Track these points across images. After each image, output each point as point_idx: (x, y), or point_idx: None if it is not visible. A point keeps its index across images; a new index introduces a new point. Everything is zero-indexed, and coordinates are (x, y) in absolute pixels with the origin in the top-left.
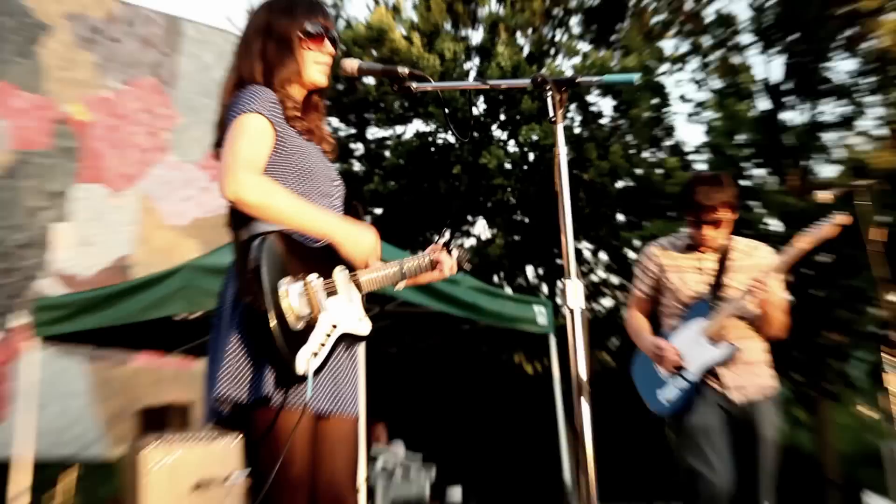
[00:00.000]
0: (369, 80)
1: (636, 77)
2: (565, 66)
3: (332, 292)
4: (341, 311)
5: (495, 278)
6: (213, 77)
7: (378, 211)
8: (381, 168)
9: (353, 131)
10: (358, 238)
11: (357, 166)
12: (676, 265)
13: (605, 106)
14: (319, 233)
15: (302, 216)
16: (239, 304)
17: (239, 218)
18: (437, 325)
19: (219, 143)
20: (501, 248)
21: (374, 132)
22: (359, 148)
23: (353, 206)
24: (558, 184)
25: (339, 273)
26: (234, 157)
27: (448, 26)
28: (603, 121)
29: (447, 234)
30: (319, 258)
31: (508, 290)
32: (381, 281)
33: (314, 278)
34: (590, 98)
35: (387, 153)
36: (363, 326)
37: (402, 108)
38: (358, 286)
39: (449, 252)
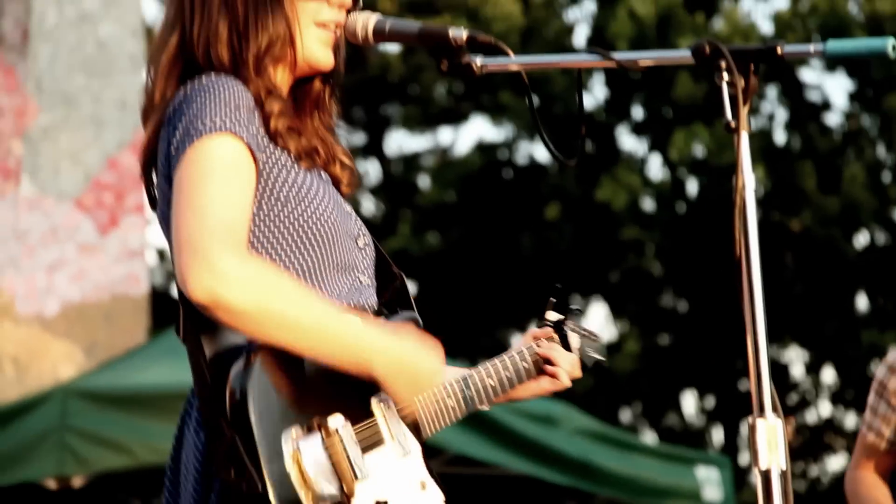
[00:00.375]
0: (391, 48)
1: (891, 44)
2: (759, 12)
3: (372, 443)
4: (391, 476)
5: (626, 414)
6: (104, 37)
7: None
8: (411, 207)
9: (360, 139)
10: (415, 365)
11: (368, 203)
12: None
13: (833, 92)
14: (349, 362)
15: (322, 337)
16: (214, 481)
17: (198, 320)
18: (521, 498)
19: (148, 175)
20: (637, 357)
21: (399, 141)
22: (371, 170)
23: (397, 286)
24: (739, 242)
25: (380, 408)
26: (199, 225)
27: None
28: (830, 120)
29: (559, 303)
30: (341, 385)
31: (650, 438)
32: (452, 412)
33: (339, 423)
34: (805, 77)
35: (423, 180)
36: (431, 499)
37: (451, 100)
38: (416, 428)
39: (564, 339)
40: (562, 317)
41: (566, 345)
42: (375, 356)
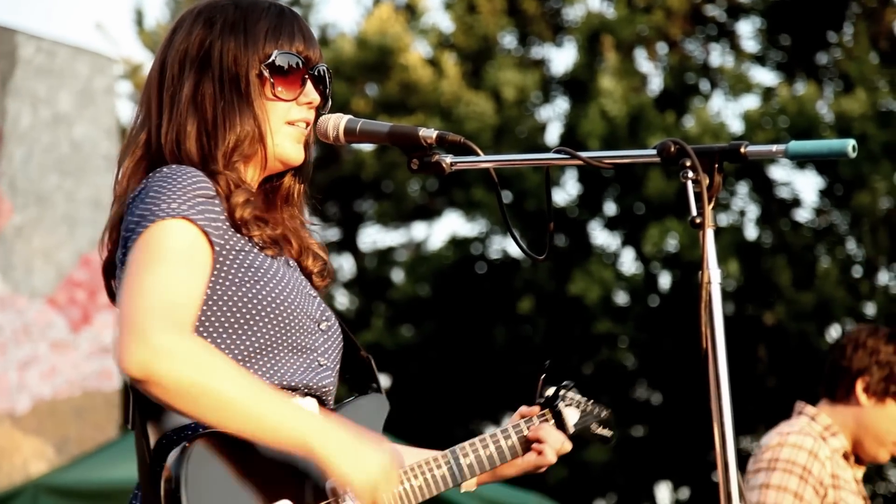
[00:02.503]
0: (364, 147)
1: (850, 146)
2: (729, 112)
3: None
4: None
5: None
6: (78, 138)
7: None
8: (385, 301)
9: (335, 234)
10: (355, 444)
11: (342, 297)
12: (846, 480)
13: (803, 188)
14: (286, 442)
15: (258, 415)
16: None
17: (145, 406)
18: None
19: (110, 272)
20: (610, 448)
21: (373, 236)
22: (345, 264)
23: (364, 368)
24: (706, 335)
25: (334, 493)
26: (141, 305)
27: (509, 40)
28: (801, 216)
29: (550, 380)
30: (292, 471)
31: None
32: (420, 492)
33: None
34: (775, 174)
35: (396, 275)
36: None
37: (425, 196)
38: None
39: (558, 415)
40: (553, 394)
41: (560, 422)
42: (313, 435)
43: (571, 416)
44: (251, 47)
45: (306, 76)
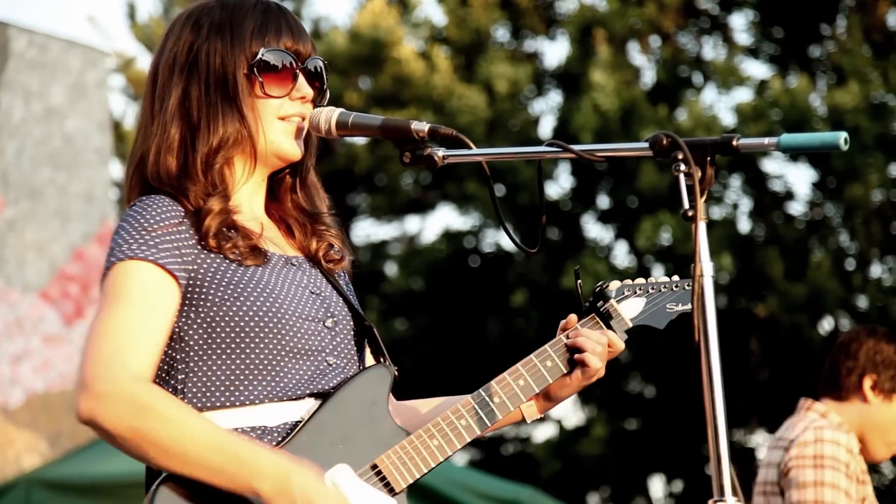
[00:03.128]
0: (357, 140)
1: (843, 138)
2: (722, 105)
3: None
4: None
5: (594, 498)
6: (71, 131)
7: None
8: (378, 295)
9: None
10: (304, 489)
11: None
12: (864, 472)
13: (796, 181)
14: (233, 484)
15: (200, 460)
16: None
17: None
18: None
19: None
20: (604, 441)
21: (366, 230)
22: None
23: (370, 340)
24: (698, 328)
25: (337, 478)
26: (90, 352)
27: (501, 33)
28: (794, 209)
29: (585, 286)
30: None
31: None
32: (444, 450)
33: None
34: (768, 167)
35: (389, 269)
36: None
37: (418, 190)
38: (389, 486)
39: (602, 314)
40: (596, 293)
41: (610, 323)
42: (260, 480)
43: (631, 307)
44: (237, 47)
45: (297, 71)
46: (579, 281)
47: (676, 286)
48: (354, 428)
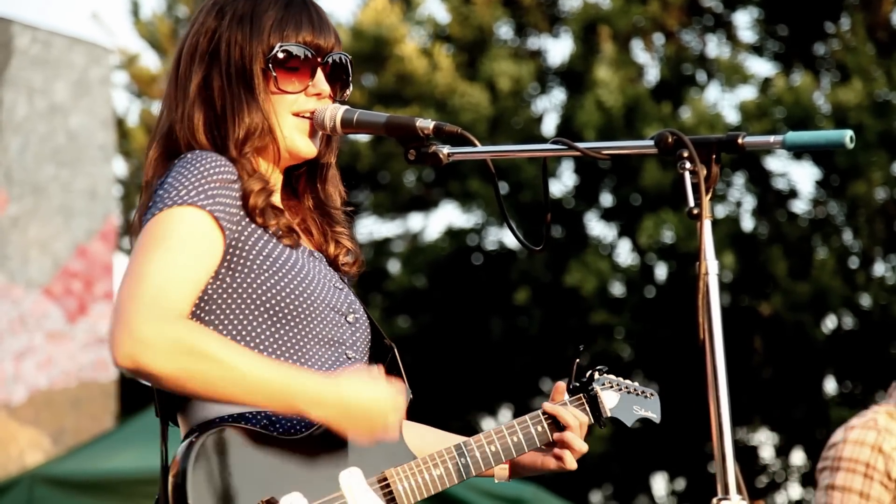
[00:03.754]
0: (360, 138)
1: (848, 136)
2: (725, 102)
3: None
4: None
5: (596, 496)
6: (74, 128)
7: None
8: (381, 292)
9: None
10: (353, 402)
11: None
12: None
13: (800, 179)
14: (283, 411)
15: (251, 385)
16: None
17: (172, 397)
18: None
19: None
20: (607, 439)
21: (369, 227)
22: None
23: (389, 358)
24: (703, 327)
25: (350, 480)
26: (134, 291)
27: (505, 31)
28: (797, 207)
29: (581, 364)
30: (307, 458)
31: None
32: (436, 481)
33: (293, 502)
34: (772, 165)
35: (392, 266)
36: None
37: (421, 187)
38: (393, 500)
39: (590, 398)
40: (588, 378)
41: (595, 408)
42: (308, 404)
43: (610, 399)
44: (256, 40)
45: (316, 66)
46: (578, 360)
47: (650, 395)
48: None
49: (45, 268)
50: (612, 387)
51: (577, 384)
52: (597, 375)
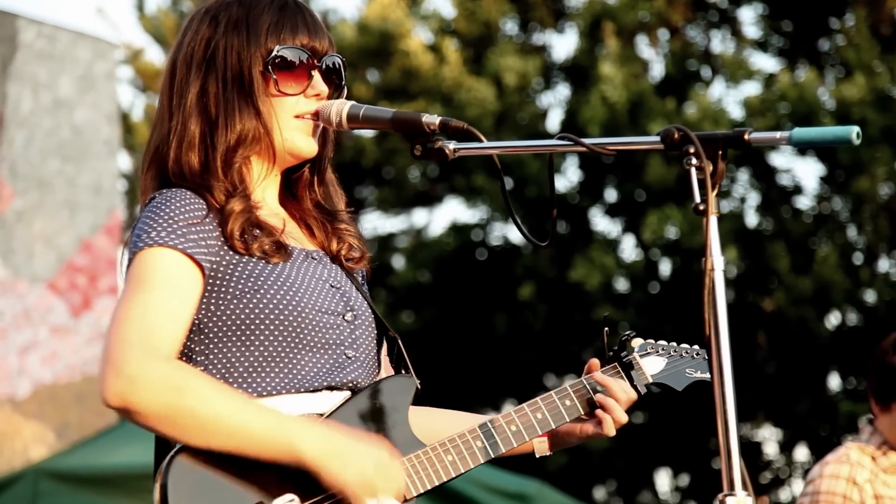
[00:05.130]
0: (365, 133)
1: (855, 132)
2: (730, 98)
3: None
4: None
5: (600, 492)
6: (79, 122)
7: None
8: (386, 288)
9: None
10: (346, 447)
11: None
12: (891, 498)
13: (804, 175)
14: (276, 454)
15: (240, 430)
16: None
17: None
18: None
19: None
20: (610, 438)
21: (373, 223)
22: None
23: (395, 350)
24: (709, 322)
25: None
26: (121, 333)
27: (510, 26)
28: (801, 203)
29: (615, 335)
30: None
31: None
32: (457, 466)
33: (286, 500)
34: (776, 161)
35: (396, 261)
36: None
37: (425, 183)
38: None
39: (625, 366)
40: (620, 344)
41: (631, 376)
42: (302, 444)
43: (653, 365)
44: (253, 44)
45: (313, 68)
46: (606, 329)
47: (697, 354)
48: (373, 431)
49: (50, 262)
50: (656, 352)
51: (611, 353)
52: (633, 342)
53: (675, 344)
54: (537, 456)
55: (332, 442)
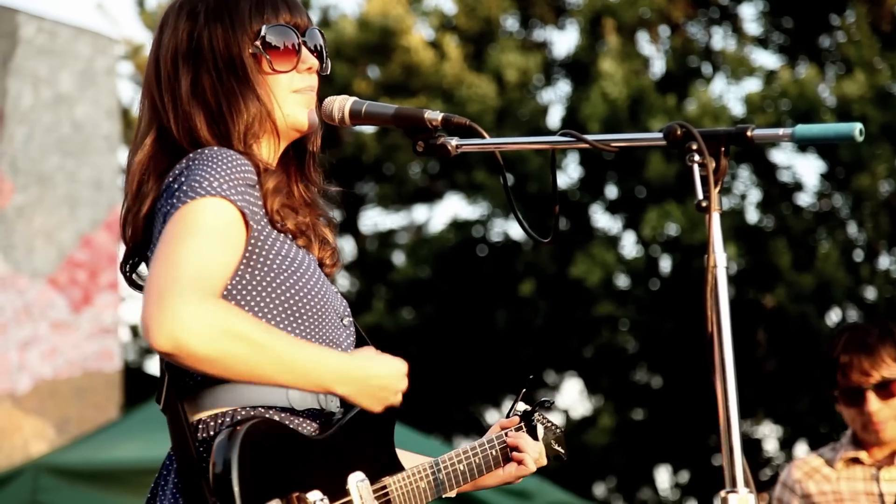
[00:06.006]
0: (365, 129)
1: (857, 129)
2: (731, 95)
3: None
4: None
5: (600, 488)
6: (80, 118)
7: None
8: (386, 284)
9: (334, 217)
10: (372, 379)
11: (343, 279)
12: (835, 492)
13: (805, 172)
14: (313, 388)
15: (286, 365)
16: None
17: (181, 388)
18: None
19: (132, 260)
20: (611, 432)
21: (374, 219)
22: (346, 246)
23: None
24: (711, 319)
25: (357, 487)
26: (167, 276)
27: (511, 22)
28: (802, 200)
29: (529, 395)
30: (323, 458)
31: None
32: (423, 493)
33: (318, 498)
34: (777, 158)
35: (397, 258)
36: None
37: (426, 179)
38: None
39: (532, 429)
40: (530, 408)
41: (534, 434)
42: (335, 382)
43: (541, 431)
44: (239, 28)
45: (300, 44)
46: (524, 390)
47: (558, 432)
48: (368, 445)
49: (50, 258)
50: (541, 421)
51: (521, 413)
52: (538, 409)
53: (547, 418)
54: (443, 496)
55: (360, 380)
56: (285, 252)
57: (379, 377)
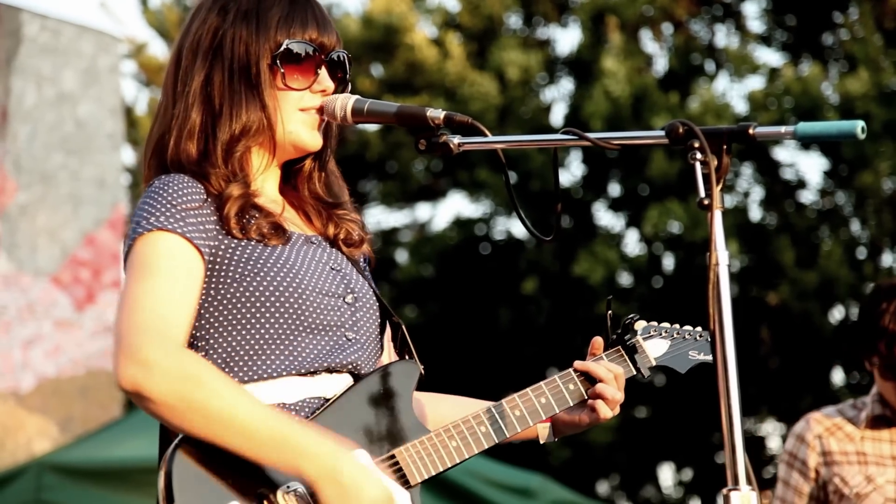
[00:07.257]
0: (369, 127)
1: (860, 127)
2: (734, 92)
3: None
4: None
5: (603, 486)
6: (83, 116)
7: None
8: (389, 282)
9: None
10: (344, 475)
11: None
12: (858, 453)
13: (808, 170)
14: (277, 462)
15: (247, 432)
16: None
17: None
18: None
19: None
20: (614, 429)
21: (377, 217)
22: None
23: (399, 335)
24: (713, 317)
25: (360, 459)
26: (131, 320)
27: (514, 20)
28: (805, 198)
29: (617, 318)
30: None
31: None
32: (452, 454)
33: (295, 489)
34: (780, 156)
35: (400, 255)
36: None
37: (429, 177)
38: (404, 478)
39: (628, 349)
40: (624, 327)
41: (634, 359)
42: (304, 461)
43: (656, 347)
44: (262, 37)
45: (321, 63)
46: (610, 311)
47: (700, 336)
48: (377, 417)
49: (54, 256)
50: (659, 335)
51: (615, 336)
52: (637, 324)
53: (678, 326)
54: (542, 442)
55: (337, 472)
56: (248, 256)
57: (348, 478)
